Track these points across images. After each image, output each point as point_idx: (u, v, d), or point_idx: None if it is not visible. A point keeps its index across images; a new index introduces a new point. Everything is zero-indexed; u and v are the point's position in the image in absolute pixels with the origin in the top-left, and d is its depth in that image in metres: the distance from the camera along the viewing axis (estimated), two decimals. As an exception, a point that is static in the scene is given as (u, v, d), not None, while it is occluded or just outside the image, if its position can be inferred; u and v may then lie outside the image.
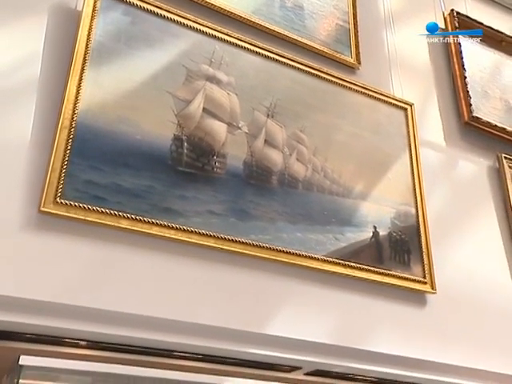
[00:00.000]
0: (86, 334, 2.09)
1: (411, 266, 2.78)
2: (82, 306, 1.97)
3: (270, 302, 2.35)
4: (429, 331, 2.68)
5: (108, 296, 2.03)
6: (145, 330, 2.11)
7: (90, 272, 2.05)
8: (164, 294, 2.15)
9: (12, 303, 1.87)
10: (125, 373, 2.23)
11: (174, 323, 2.14)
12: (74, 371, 2.19)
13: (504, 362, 2.85)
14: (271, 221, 2.48)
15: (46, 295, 1.92)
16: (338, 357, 2.44)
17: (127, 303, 2.05)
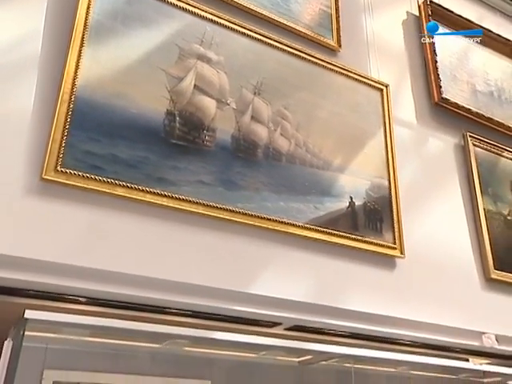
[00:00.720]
0: (85, 292, 2.09)
1: (383, 233, 2.81)
2: (81, 265, 1.98)
3: (254, 265, 2.37)
4: (397, 291, 2.73)
5: (105, 257, 2.04)
6: (139, 288, 2.11)
7: (89, 235, 2.05)
8: (157, 256, 2.16)
9: (17, 262, 1.88)
10: (120, 326, 2.23)
11: (166, 282, 2.15)
12: (73, 324, 2.19)
13: (464, 318, 2.92)
14: (256, 191, 2.48)
15: (48, 255, 1.92)
16: (315, 314, 2.47)
17: (123, 264, 2.06)
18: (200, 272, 2.21)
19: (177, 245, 2.21)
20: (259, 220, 2.40)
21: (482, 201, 3.40)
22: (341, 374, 3.18)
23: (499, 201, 3.56)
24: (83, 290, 2.07)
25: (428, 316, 2.77)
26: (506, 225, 3.50)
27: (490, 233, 3.32)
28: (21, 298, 2.11)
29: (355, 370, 3.08)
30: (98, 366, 2.63)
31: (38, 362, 2.47)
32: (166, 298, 2.18)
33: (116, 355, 2.65)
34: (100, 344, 2.52)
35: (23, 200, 1.93)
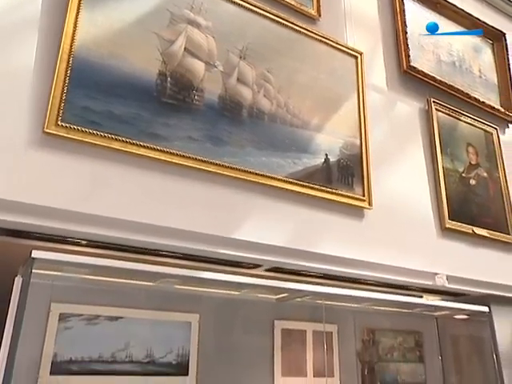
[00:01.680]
0: (86, 235, 2.09)
1: (354, 186, 2.80)
2: (81, 212, 1.96)
3: (238, 213, 2.36)
4: (364, 238, 2.76)
5: (104, 204, 2.02)
6: (134, 232, 2.10)
7: (88, 185, 2.01)
8: (150, 204, 2.13)
9: (24, 208, 1.86)
10: (118, 266, 2.23)
11: (158, 228, 2.13)
12: (76, 264, 2.21)
13: (421, 261, 2.98)
14: (241, 147, 2.44)
15: (52, 202, 1.90)
16: (291, 257, 2.49)
17: (120, 210, 2.04)
18: (189, 219, 2.20)
19: (168, 194, 2.18)
20: (243, 173, 2.37)
21: (441, 160, 3.41)
22: (313, 310, 3.23)
23: (456, 160, 3.57)
24: (84, 234, 2.06)
25: (390, 259, 2.82)
26: (461, 181, 3.52)
27: (447, 188, 3.34)
28: (28, 240, 2.11)
29: (326, 306, 3.15)
30: (99, 300, 2.66)
31: (45, 297, 2.50)
32: (159, 242, 2.17)
33: (114, 291, 2.67)
34: (100, 281, 2.52)
35: (28, 151, 1.88)
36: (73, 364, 2.52)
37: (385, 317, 3.66)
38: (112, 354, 2.63)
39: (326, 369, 3.31)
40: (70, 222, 1.97)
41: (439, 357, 3.86)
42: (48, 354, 2.47)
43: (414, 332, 3.91)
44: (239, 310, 3.06)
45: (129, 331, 2.70)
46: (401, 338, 3.84)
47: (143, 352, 2.71)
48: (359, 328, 3.58)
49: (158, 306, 2.81)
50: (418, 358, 3.88)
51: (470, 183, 3.58)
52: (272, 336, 3.21)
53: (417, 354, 3.89)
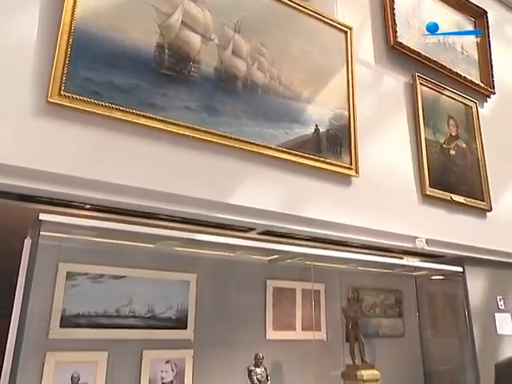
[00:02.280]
0: (89, 200, 2.06)
1: (342, 156, 2.79)
2: (85, 177, 1.94)
3: (233, 180, 2.35)
4: (351, 204, 2.76)
5: (106, 171, 1.99)
6: (135, 197, 2.08)
7: (90, 152, 1.98)
8: (150, 170, 2.11)
9: (30, 174, 1.83)
10: (120, 228, 2.24)
11: (158, 193, 2.12)
12: (80, 226, 2.20)
13: (402, 225, 3.00)
14: (236, 117, 2.41)
15: (56, 168, 1.88)
16: (283, 221, 2.49)
17: (120, 176, 2.02)
18: (187, 184, 2.18)
19: (167, 162, 2.16)
20: (238, 142, 2.34)
21: (424, 131, 3.39)
22: (302, 270, 3.24)
23: (438, 132, 3.56)
24: (87, 198, 2.04)
25: (374, 224, 2.83)
26: (442, 152, 3.51)
27: (428, 158, 3.34)
28: (36, 204, 2.08)
29: (314, 267, 3.18)
30: (104, 260, 2.66)
31: (53, 257, 2.50)
32: (159, 206, 2.15)
33: (118, 252, 2.66)
34: (104, 243, 2.51)
35: (33, 120, 1.85)
36: (80, 318, 2.55)
37: (368, 277, 3.70)
38: (116, 310, 2.65)
39: (313, 323, 3.37)
40: (74, 187, 1.94)
41: (417, 313, 3.94)
42: (57, 309, 2.49)
43: (394, 290, 3.98)
44: (234, 270, 3.08)
45: (131, 289, 2.72)
46: (382, 295, 3.91)
47: (145, 308, 2.74)
48: (344, 287, 3.62)
49: (158, 266, 2.81)
50: (398, 314, 3.96)
51: (450, 153, 3.57)
52: (264, 294, 3.25)
53: (396, 310, 3.97)
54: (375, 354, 3.58)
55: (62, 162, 1.88)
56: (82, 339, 2.52)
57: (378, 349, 3.66)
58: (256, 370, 2.74)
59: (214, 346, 2.90)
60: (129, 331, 2.66)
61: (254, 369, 2.74)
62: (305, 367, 3.19)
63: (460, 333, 3.54)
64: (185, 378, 2.78)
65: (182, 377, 2.78)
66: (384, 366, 3.47)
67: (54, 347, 2.43)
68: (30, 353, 2.31)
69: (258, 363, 2.77)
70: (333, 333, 3.49)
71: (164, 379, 2.72)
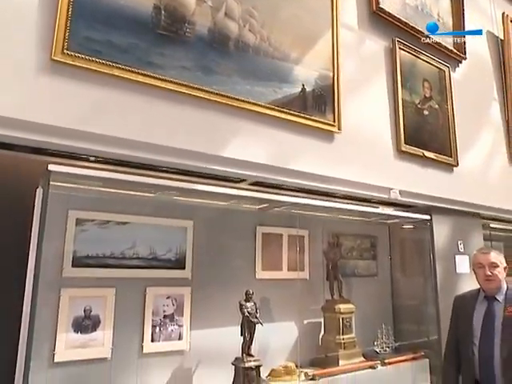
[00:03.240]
0: (93, 152, 2.02)
1: (326, 113, 2.75)
2: (87, 131, 1.89)
3: (226, 134, 2.31)
4: (334, 158, 2.76)
5: (107, 125, 1.94)
6: (136, 150, 2.04)
7: (93, 107, 1.92)
8: (149, 125, 2.06)
9: (37, 128, 1.78)
10: (123, 179, 2.20)
11: (158, 146, 2.08)
12: (86, 176, 2.16)
13: (379, 178, 3.00)
14: (228, 76, 2.35)
15: (62, 122, 1.82)
16: (272, 173, 2.48)
17: (122, 131, 1.97)
18: (183, 138, 2.15)
19: (165, 117, 2.11)
20: (230, 100, 2.30)
21: (401, 92, 3.34)
22: (289, 218, 3.28)
23: (413, 93, 3.52)
24: (91, 151, 2.00)
25: (354, 176, 2.83)
26: (416, 111, 3.49)
27: (404, 117, 3.32)
28: (46, 156, 2.05)
29: (299, 215, 3.23)
30: (109, 208, 2.65)
31: (63, 205, 2.50)
32: (158, 158, 2.12)
33: (122, 201, 2.65)
34: (109, 193, 2.48)
35: (39, 77, 1.79)
36: (89, 259, 2.58)
37: (347, 224, 3.75)
38: (121, 252, 2.68)
39: (297, 264, 3.44)
40: (79, 140, 1.90)
41: (389, 256, 4.02)
42: (69, 251, 2.52)
43: (370, 236, 4.07)
44: (227, 217, 3.09)
45: (135, 234, 2.74)
46: (359, 240, 3.99)
47: (147, 250, 2.77)
48: (326, 233, 3.69)
49: (158, 214, 2.83)
50: (372, 257, 4.06)
51: (424, 113, 3.55)
52: (254, 239, 3.30)
53: (371, 253, 4.06)
54: (351, 291, 3.69)
55: (67, 117, 1.83)
56: (91, 277, 2.56)
57: (354, 286, 3.77)
58: (246, 304, 2.81)
59: (209, 283, 2.96)
60: (133, 271, 2.69)
61: (244, 303, 2.80)
62: (290, 302, 3.28)
63: (425, 273, 3.64)
64: (184, 310, 2.86)
65: (181, 310, 2.85)
66: (359, 300, 3.61)
67: (67, 284, 2.48)
68: (47, 289, 2.32)
69: (249, 298, 2.83)
70: (315, 273, 3.57)
71: (166, 312, 2.79)
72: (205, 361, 2.85)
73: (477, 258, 2.05)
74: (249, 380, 2.70)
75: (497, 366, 1.85)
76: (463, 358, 2.02)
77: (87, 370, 2.47)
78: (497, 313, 1.92)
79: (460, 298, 2.18)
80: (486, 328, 1.92)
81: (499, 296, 1.96)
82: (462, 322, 2.04)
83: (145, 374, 2.66)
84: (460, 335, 2.05)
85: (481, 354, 1.90)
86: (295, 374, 3.01)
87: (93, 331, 2.52)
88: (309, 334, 3.44)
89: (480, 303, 2.00)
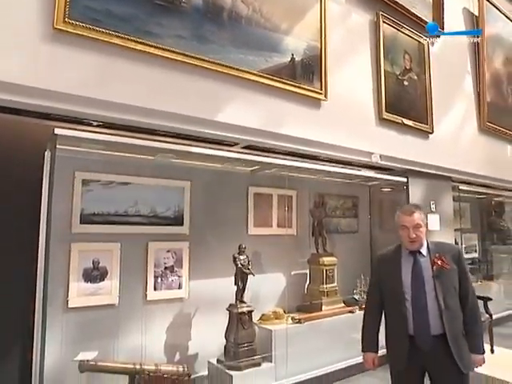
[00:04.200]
0: (96, 117, 1.99)
1: (314, 82, 2.70)
2: (90, 97, 1.84)
3: (220, 100, 2.27)
4: (321, 124, 2.73)
5: (108, 91, 1.89)
6: (136, 115, 2.00)
7: (95, 74, 1.86)
8: (147, 91, 2.01)
9: (42, 94, 1.73)
10: (124, 142, 2.19)
11: (156, 111, 2.04)
12: (90, 140, 2.15)
13: (362, 143, 2.99)
14: (222, 45, 2.28)
15: (65, 88, 1.77)
16: (263, 137, 2.46)
17: (122, 96, 1.92)
18: (181, 104, 2.11)
19: (163, 84, 2.05)
20: (224, 68, 2.24)
21: (383, 63, 3.28)
22: (278, 179, 3.28)
23: (395, 64, 3.46)
24: (94, 116, 1.96)
25: (339, 141, 2.83)
26: (397, 82, 3.44)
27: (386, 87, 3.27)
28: (51, 121, 2.00)
29: (288, 177, 3.23)
30: (112, 170, 2.65)
31: (70, 167, 2.49)
32: (157, 123, 2.09)
33: (124, 163, 2.64)
34: (112, 156, 2.45)
35: (42, 45, 1.72)
36: (96, 216, 2.60)
37: (332, 185, 3.79)
38: (125, 210, 2.71)
39: (286, 222, 3.50)
40: (82, 106, 1.85)
41: (369, 215, 4.07)
42: (77, 209, 2.54)
43: (352, 197, 4.12)
44: (221, 178, 3.11)
45: (137, 193, 2.75)
46: (342, 200, 4.04)
47: (148, 209, 2.80)
48: (312, 193, 3.73)
49: (158, 175, 2.83)
50: (354, 215, 4.13)
51: (404, 84, 3.51)
52: (246, 198, 3.34)
53: (353, 212, 4.13)
54: (334, 246, 3.78)
55: (69, 83, 1.78)
56: (98, 233, 2.59)
57: (337, 242, 3.86)
58: (240, 257, 2.86)
59: (205, 239, 3.01)
60: (136, 227, 2.73)
61: (238, 256, 2.86)
62: (279, 255, 3.35)
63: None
64: (183, 263, 2.92)
65: (180, 262, 2.91)
66: (341, 254, 3.70)
67: (76, 239, 2.52)
68: (59, 243, 2.37)
69: (242, 252, 2.88)
70: (301, 229, 3.65)
71: (166, 264, 2.85)
72: (202, 307, 2.93)
73: (401, 219, 1.81)
74: (242, 323, 2.80)
75: (432, 318, 1.68)
76: (394, 315, 1.79)
77: (97, 314, 2.54)
78: (424, 266, 1.75)
79: (383, 256, 1.94)
80: (416, 283, 1.73)
81: (423, 250, 1.79)
82: (389, 279, 1.82)
83: (149, 318, 2.74)
84: (388, 293, 1.82)
85: (415, 309, 1.71)
86: (283, 318, 3.12)
87: (101, 281, 2.58)
88: (295, 283, 3.54)
89: (405, 259, 1.80)
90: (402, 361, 1.72)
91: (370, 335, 1.88)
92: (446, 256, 1.76)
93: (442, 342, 1.67)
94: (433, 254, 1.77)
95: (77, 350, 2.34)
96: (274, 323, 3.05)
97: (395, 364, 1.79)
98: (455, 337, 1.69)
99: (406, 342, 1.72)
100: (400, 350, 1.74)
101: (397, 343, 1.77)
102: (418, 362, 1.72)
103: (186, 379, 2.48)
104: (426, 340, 1.69)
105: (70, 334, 2.42)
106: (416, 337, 1.71)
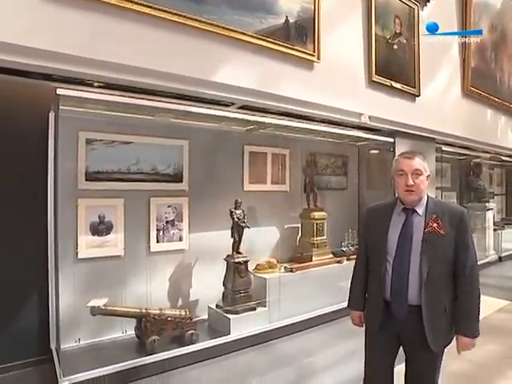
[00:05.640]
0: (97, 77, 1.93)
1: (307, 43, 2.62)
2: (89, 57, 1.77)
3: (216, 61, 2.21)
4: (313, 85, 2.67)
5: (107, 52, 1.81)
6: (135, 75, 1.94)
7: (92, 34, 1.78)
8: (145, 52, 1.93)
9: (47, 55, 1.68)
10: (124, 102, 2.15)
11: (155, 72, 1.98)
12: (92, 100, 2.11)
13: (352, 104, 2.94)
14: (218, 6, 2.18)
15: (65, 48, 1.70)
16: (258, 97, 2.41)
17: (121, 57, 1.85)
18: (178, 64, 2.04)
19: (160, 44, 1.98)
20: (220, 29, 2.16)
21: (374, 27, 3.17)
22: (272, 138, 3.27)
23: (385, 28, 3.35)
24: (96, 76, 1.90)
25: (331, 101, 2.77)
26: (387, 46, 3.36)
27: (376, 50, 3.18)
28: (54, 82, 1.95)
29: (281, 136, 3.24)
30: (114, 129, 2.62)
31: (73, 127, 2.46)
32: (155, 83, 2.04)
33: (125, 123, 2.60)
34: (114, 116, 2.41)
35: (42, 6, 1.64)
36: (100, 174, 2.61)
37: (323, 145, 3.78)
38: (127, 168, 2.71)
39: (280, 179, 3.53)
40: (84, 67, 1.79)
41: (357, 173, 4.09)
42: (82, 167, 2.53)
43: (342, 156, 4.15)
44: (218, 137, 3.09)
45: (138, 152, 2.73)
46: (333, 159, 4.07)
47: (149, 166, 2.80)
48: (305, 152, 3.74)
49: (158, 134, 2.80)
50: (343, 173, 4.17)
51: (394, 48, 3.41)
52: (242, 156, 3.34)
53: (343, 170, 4.17)
54: (324, 201, 3.84)
55: (69, 44, 1.71)
56: (103, 189, 2.60)
57: (327, 198, 3.91)
58: (236, 211, 2.91)
59: (204, 194, 3.03)
60: (138, 184, 2.74)
61: (234, 210, 2.91)
62: (272, 210, 3.40)
63: (386, 186, 3.71)
64: (183, 217, 2.96)
65: (180, 216, 2.95)
66: (330, 209, 3.76)
67: (82, 195, 2.53)
68: (67, 199, 2.40)
69: (238, 206, 2.92)
70: (294, 186, 3.68)
71: (167, 218, 2.89)
72: (202, 258, 3.01)
73: (399, 163, 1.48)
74: (238, 272, 2.88)
75: (411, 286, 1.40)
76: (373, 276, 1.54)
77: (105, 265, 2.61)
78: (416, 227, 1.43)
79: (373, 209, 1.61)
80: (402, 244, 1.42)
81: (419, 208, 1.46)
82: (375, 236, 1.52)
83: (153, 268, 2.81)
84: (372, 251, 1.55)
85: (395, 273, 1.42)
86: (276, 267, 3.21)
87: (107, 234, 2.62)
88: (288, 236, 3.62)
89: (397, 216, 1.48)
90: (375, 324, 1.51)
91: (356, 292, 1.65)
92: (445, 218, 1.42)
93: (418, 314, 1.40)
94: (429, 215, 1.43)
95: (88, 297, 2.43)
96: (267, 272, 3.14)
97: (368, 325, 1.58)
98: (432, 311, 1.40)
99: (381, 307, 1.48)
100: (374, 313, 1.52)
101: (373, 305, 1.55)
102: (393, 330, 1.48)
103: (188, 322, 2.60)
104: (401, 308, 1.43)
105: (81, 282, 2.50)
106: (392, 303, 1.45)
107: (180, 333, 2.54)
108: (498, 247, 5.90)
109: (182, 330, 2.55)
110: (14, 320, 2.33)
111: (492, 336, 2.72)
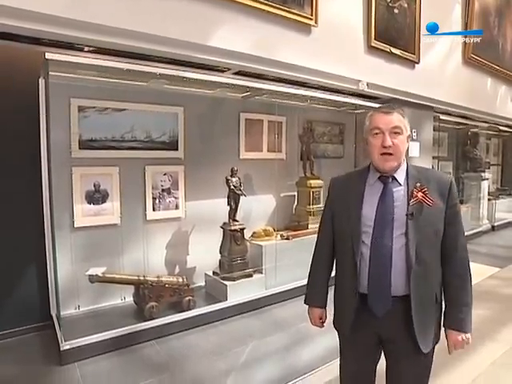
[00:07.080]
0: (87, 41, 1.86)
1: (304, 7, 2.52)
2: (79, 19, 1.69)
3: (212, 25, 2.12)
4: (310, 50, 2.59)
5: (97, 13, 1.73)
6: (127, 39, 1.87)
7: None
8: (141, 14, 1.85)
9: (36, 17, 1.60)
10: (117, 67, 2.09)
11: (149, 36, 1.91)
12: (83, 65, 2.03)
13: (350, 71, 2.89)
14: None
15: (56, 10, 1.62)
16: (254, 62, 2.35)
17: (112, 19, 1.77)
18: (173, 28, 1.97)
19: (154, 7, 1.89)
20: (215, -10, 2.08)
21: (374, -10, 3.07)
22: (269, 106, 3.22)
23: (386, -9, 3.20)
24: (87, 40, 1.84)
25: (328, 67, 2.71)
26: (388, 10, 3.25)
27: (376, 14, 3.08)
28: (43, 46, 1.88)
29: (278, 103, 3.18)
30: (107, 96, 2.55)
31: (65, 94, 2.40)
32: (151, 48, 1.98)
33: (118, 90, 2.54)
34: (106, 82, 2.36)
35: None
36: (94, 142, 2.57)
37: (320, 112, 3.73)
38: (121, 135, 2.67)
39: (276, 146, 3.52)
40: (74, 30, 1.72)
41: (354, 141, 4.06)
42: (75, 135, 2.48)
43: (339, 124, 4.11)
44: (214, 104, 3.04)
45: (132, 119, 2.69)
46: (330, 127, 4.04)
47: (144, 134, 2.77)
48: (301, 119, 3.70)
49: (152, 101, 2.75)
50: (340, 141, 4.15)
51: (394, 12, 3.30)
52: (238, 124, 3.30)
53: (339, 139, 4.14)
54: (321, 170, 3.84)
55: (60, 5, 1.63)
56: (97, 158, 2.58)
57: (323, 166, 3.91)
58: (232, 179, 2.90)
59: (199, 162, 3.02)
60: (133, 152, 2.71)
61: (230, 178, 2.90)
62: (269, 178, 3.40)
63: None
64: (179, 185, 2.96)
65: (176, 185, 2.95)
66: (327, 177, 3.63)
67: (77, 163, 2.50)
68: (61, 167, 2.38)
69: (234, 174, 2.92)
70: (290, 154, 3.67)
71: (163, 186, 2.89)
72: (198, 225, 3.03)
73: (374, 120, 1.15)
74: (235, 240, 2.91)
75: (396, 273, 1.11)
76: (344, 263, 1.21)
77: (102, 233, 2.62)
78: (397, 198, 1.14)
79: (339, 181, 1.28)
80: (381, 221, 1.12)
81: (399, 176, 1.16)
82: (343, 213, 1.20)
83: (149, 236, 2.84)
84: (340, 233, 1.23)
85: (373, 258, 1.12)
86: (273, 235, 3.25)
87: (103, 203, 2.61)
88: (284, 204, 3.64)
89: (371, 187, 1.17)
90: (345, 327, 1.21)
91: (317, 282, 1.33)
92: (431, 187, 1.14)
93: (405, 307, 1.12)
94: (412, 183, 1.15)
95: (86, 265, 2.46)
96: (264, 240, 3.18)
97: (337, 326, 1.28)
98: (423, 302, 1.13)
99: (353, 303, 1.17)
100: (344, 312, 1.22)
101: (343, 301, 1.24)
102: (370, 329, 1.18)
103: (185, 288, 2.65)
104: (382, 302, 1.14)
105: (79, 251, 2.52)
106: (369, 295, 1.14)
107: (177, 299, 2.60)
108: (491, 217, 5.99)
109: (180, 296, 2.60)
110: (15, 288, 2.37)
111: (481, 301, 2.80)
